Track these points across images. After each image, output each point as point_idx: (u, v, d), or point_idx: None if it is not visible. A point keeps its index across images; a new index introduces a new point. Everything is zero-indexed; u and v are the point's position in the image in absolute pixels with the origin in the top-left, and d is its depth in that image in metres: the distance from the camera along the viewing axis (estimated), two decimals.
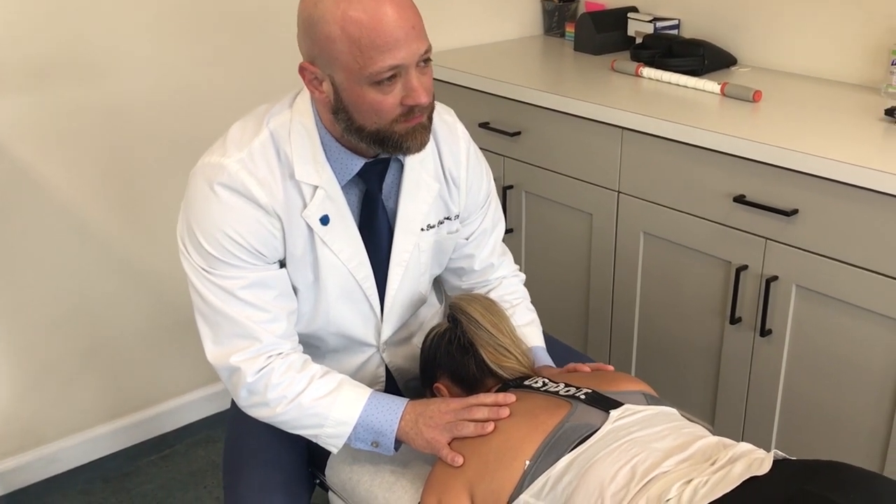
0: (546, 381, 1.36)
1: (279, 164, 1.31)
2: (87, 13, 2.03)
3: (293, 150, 1.30)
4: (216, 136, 1.36)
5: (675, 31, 2.49)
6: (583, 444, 1.20)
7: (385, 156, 1.35)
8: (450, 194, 1.47)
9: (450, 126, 1.48)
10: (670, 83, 2.21)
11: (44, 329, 2.19)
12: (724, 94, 2.09)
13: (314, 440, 1.38)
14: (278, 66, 2.32)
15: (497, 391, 1.37)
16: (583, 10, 2.74)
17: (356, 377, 1.49)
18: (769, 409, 1.93)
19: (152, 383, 2.42)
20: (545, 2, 2.81)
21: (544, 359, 1.53)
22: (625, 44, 2.55)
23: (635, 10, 2.59)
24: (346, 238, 1.36)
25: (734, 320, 1.91)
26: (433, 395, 1.47)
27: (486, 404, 1.31)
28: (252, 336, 1.32)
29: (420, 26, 1.21)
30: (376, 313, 1.46)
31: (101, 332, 2.28)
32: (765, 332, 1.87)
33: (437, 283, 1.65)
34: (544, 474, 1.18)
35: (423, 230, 1.44)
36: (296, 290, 1.38)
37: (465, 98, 2.39)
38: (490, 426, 1.28)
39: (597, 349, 2.29)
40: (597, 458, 1.17)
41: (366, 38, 1.17)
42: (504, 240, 1.65)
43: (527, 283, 1.69)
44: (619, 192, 2.09)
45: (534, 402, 1.30)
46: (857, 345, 1.75)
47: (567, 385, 1.33)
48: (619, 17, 2.56)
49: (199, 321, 1.34)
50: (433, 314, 1.63)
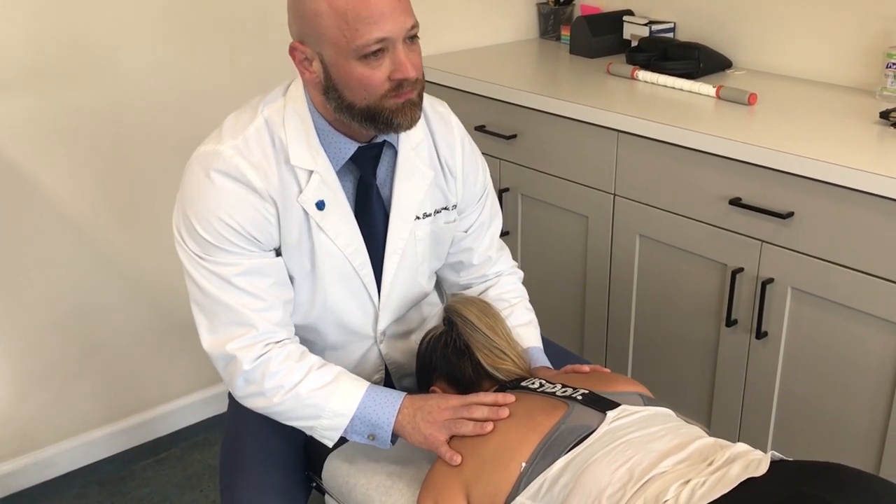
0: (543, 382, 1.36)
1: (274, 150, 1.32)
2: (86, 15, 2.02)
3: (287, 136, 1.32)
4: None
5: (670, 35, 2.50)
6: (579, 446, 1.20)
7: (379, 140, 1.36)
8: (446, 183, 1.48)
9: (443, 116, 1.49)
10: (666, 86, 2.21)
11: (40, 333, 2.19)
12: (719, 97, 2.10)
13: (309, 432, 1.37)
14: (277, 67, 2.30)
15: (496, 391, 1.37)
16: (578, 13, 2.74)
17: (355, 371, 1.49)
18: (765, 411, 1.93)
19: (148, 387, 2.41)
20: (541, 5, 2.81)
21: (541, 359, 1.53)
22: (620, 47, 2.56)
23: (631, 13, 2.59)
24: (342, 223, 1.37)
25: (730, 322, 1.92)
26: None
27: (485, 403, 1.31)
28: (248, 323, 1.32)
29: (406, 2, 1.23)
30: (374, 302, 1.46)
31: (97, 336, 2.28)
32: (760, 334, 1.87)
33: (440, 284, 1.65)
34: (540, 476, 1.18)
35: (418, 218, 1.45)
36: (293, 280, 1.38)
37: (462, 101, 2.39)
38: (489, 426, 1.28)
39: (593, 352, 2.29)
40: (593, 459, 1.17)
41: (352, 11, 1.19)
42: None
43: (524, 285, 1.69)
44: (614, 194, 2.10)
45: (531, 403, 1.30)
46: (853, 347, 1.75)
47: (564, 386, 1.33)
48: (615, 20, 2.57)
49: (195, 310, 1.35)
50: (435, 313, 1.63)
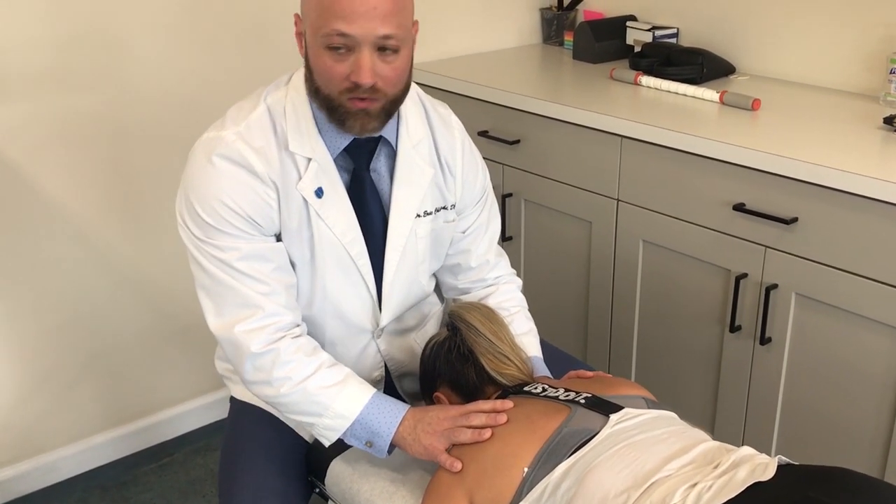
0: (546, 386, 1.36)
1: (275, 137, 1.34)
2: (92, 18, 2.03)
3: (287, 123, 1.33)
4: None
5: (673, 40, 2.50)
6: (582, 449, 1.19)
7: (375, 134, 1.37)
8: (445, 182, 1.49)
9: (444, 117, 1.50)
10: (669, 91, 2.21)
11: (43, 337, 2.19)
12: (722, 102, 2.09)
13: (309, 428, 1.38)
14: (282, 69, 2.30)
15: (496, 398, 1.37)
16: (581, 18, 2.74)
17: (355, 368, 1.49)
18: (769, 417, 1.93)
19: (151, 392, 2.41)
20: (544, 10, 2.81)
21: (541, 369, 1.52)
22: (623, 52, 2.56)
23: (634, 18, 2.59)
24: (340, 212, 1.38)
25: (734, 328, 1.91)
26: (433, 404, 1.46)
27: (483, 411, 1.31)
28: (254, 304, 1.32)
29: (388, 11, 1.22)
30: (372, 294, 1.46)
31: (100, 341, 2.28)
32: (765, 340, 1.86)
33: (439, 285, 1.65)
34: (543, 481, 1.18)
35: (419, 216, 1.45)
36: (294, 266, 1.39)
37: (465, 106, 2.39)
38: (487, 433, 1.27)
39: (596, 357, 2.29)
40: (596, 463, 1.17)
41: (327, 1, 1.20)
42: (503, 247, 1.65)
43: (526, 290, 1.69)
44: (618, 200, 2.09)
45: (532, 407, 1.30)
46: (857, 353, 1.75)
47: (567, 390, 1.33)
48: (618, 25, 2.57)
49: (201, 294, 1.35)
50: (435, 312, 1.64)
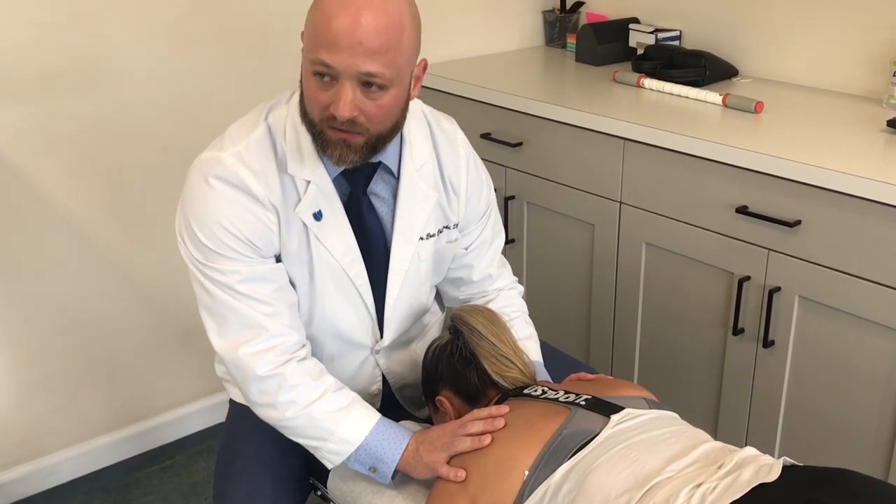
0: (545, 389, 1.36)
1: (275, 159, 1.32)
2: (88, 24, 2.03)
3: (287, 145, 1.32)
4: None
5: (676, 42, 2.49)
6: (582, 451, 1.19)
7: (374, 160, 1.35)
8: (448, 202, 1.47)
9: (448, 135, 1.48)
10: (672, 94, 2.21)
11: (44, 340, 2.19)
12: (725, 104, 2.09)
13: (313, 452, 1.37)
14: (280, 75, 2.31)
15: (496, 401, 1.36)
16: (584, 21, 2.74)
17: (353, 382, 1.49)
18: (772, 419, 1.92)
19: (153, 394, 2.41)
20: (546, 13, 2.81)
21: (542, 374, 1.52)
22: (626, 55, 2.56)
23: (636, 21, 2.59)
24: (338, 234, 1.36)
25: (737, 331, 1.91)
26: (435, 408, 1.46)
27: (480, 418, 1.31)
28: (258, 325, 1.31)
29: (375, 49, 1.18)
30: (371, 314, 1.45)
31: (102, 343, 2.28)
32: (767, 343, 1.86)
33: (438, 296, 1.64)
34: (544, 483, 1.17)
35: (422, 239, 1.44)
36: (293, 286, 1.38)
37: (467, 109, 2.39)
38: (487, 439, 1.27)
39: (599, 360, 2.28)
40: (596, 464, 1.16)
41: (318, 26, 1.19)
42: (505, 250, 1.65)
43: (529, 293, 1.69)
44: (620, 202, 2.09)
45: (531, 409, 1.30)
46: (860, 355, 1.74)
47: (567, 392, 1.33)
48: (621, 28, 2.57)
49: (204, 314, 1.35)
50: (435, 321, 1.63)
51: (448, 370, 1.42)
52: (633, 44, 2.54)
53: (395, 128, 1.30)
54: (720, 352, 1.99)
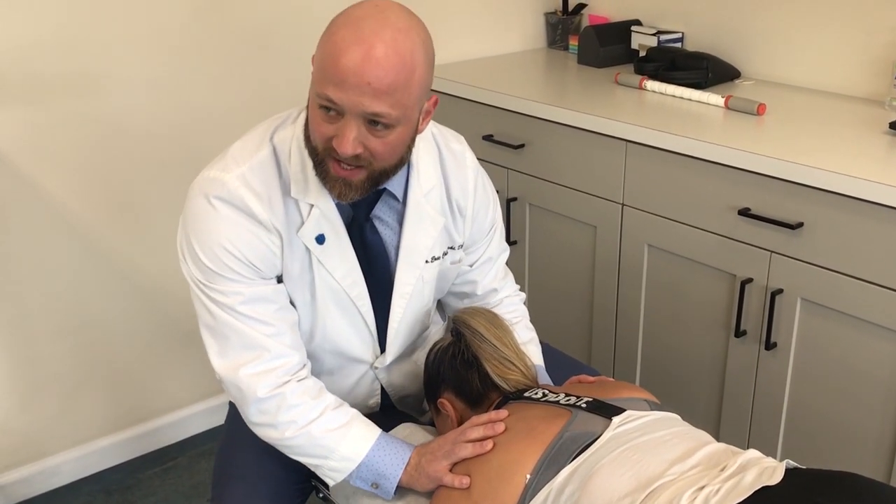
0: (546, 392, 1.35)
1: (279, 181, 1.30)
2: (90, 28, 2.03)
3: (291, 168, 1.29)
4: (218, 150, 1.35)
5: (678, 44, 2.49)
6: (584, 453, 1.19)
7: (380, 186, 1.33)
8: (455, 224, 1.46)
9: (457, 156, 1.45)
10: (674, 96, 2.21)
11: (46, 341, 2.19)
12: (728, 107, 2.09)
13: (315, 470, 1.37)
14: (280, 82, 2.33)
15: (497, 404, 1.36)
16: (586, 23, 2.74)
17: (350, 395, 1.49)
18: (774, 422, 1.92)
19: (154, 396, 2.41)
20: (549, 15, 2.81)
21: (543, 378, 1.52)
22: (628, 57, 2.56)
23: (639, 23, 2.59)
24: (341, 257, 1.35)
25: (739, 333, 1.91)
26: (437, 410, 1.46)
27: (480, 424, 1.31)
28: (260, 346, 1.30)
29: (383, 90, 1.14)
30: (372, 333, 1.45)
31: (104, 345, 2.28)
32: (770, 345, 1.86)
33: (440, 304, 1.64)
34: (546, 487, 1.17)
35: (427, 262, 1.43)
36: (294, 306, 1.37)
37: (469, 111, 2.39)
38: (488, 444, 1.27)
39: (601, 362, 2.28)
40: (598, 466, 1.16)
41: (328, 59, 1.15)
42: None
43: (531, 295, 1.69)
44: (623, 204, 2.09)
45: (532, 413, 1.30)
46: (863, 358, 1.74)
47: (567, 395, 1.32)
48: (623, 30, 2.57)
49: (205, 333, 1.33)
50: (437, 330, 1.63)
51: (450, 372, 1.42)
52: (635, 46, 2.54)
53: (400, 163, 1.27)
54: (722, 354, 1.99)
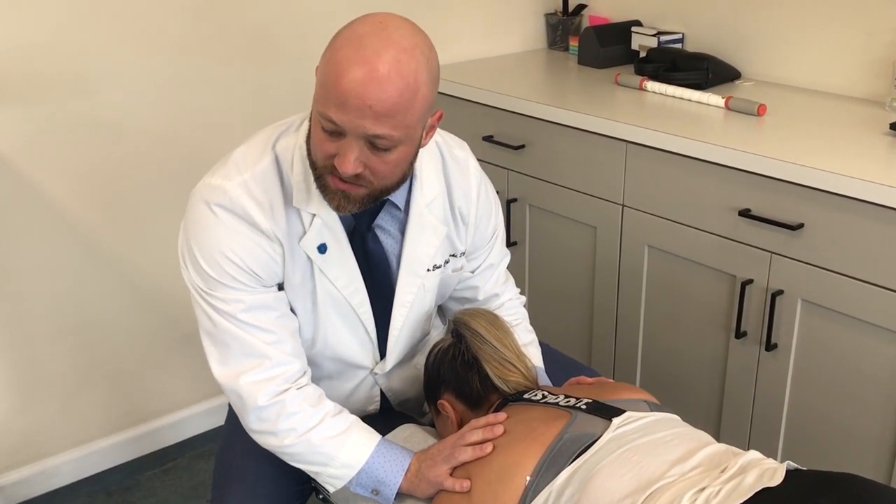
0: (546, 393, 1.35)
1: (282, 190, 1.29)
2: (89, 29, 2.03)
3: (294, 177, 1.28)
4: (218, 151, 1.35)
5: (678, 45, 2.49)
6: (584, 454, 1.19)
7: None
8: (457, 232, 1.45)
9: (460, 163, 1.44)
10: (674, 97, 2.21)
11: (45, 342, 2.19)
12: (728, 107, 2.09)
13: (314, 477, 1.37)
14: (280, 83, 2.33)
15: (497, 406, 1.36)
16: (586, 23, 2.74)
17: (350, 400, 1.49)
18: (775, 423, 1.92)
19: (154, 397, 2.41)
20: (549, 16, 2.81)
21: (543, 379, 1.52)
22: (629, 58, 2.56)
23: (639, 24, 2.59)
24: (343, 267, 1.35)
25: (739, 334, 1.91)
26: (437, 412, 1.46)
27: (479, 427, 1.30)
28: (260, 354, 1.30)
29: (385, 112, 1.12)
30: (373, 339, 1.45)
31: (104, 346, 2.28)
32: (770, 346, 1.86)
33: (441, 308, 1.63)
34: (546, 489, 1.17)
35: (428, 271, 1.43)
36: (294, 314, 1.37)
37: (470, 111, 2.39)
38: (488, 447, 1.27)
39: (601, 363, 2.28)
40: (598, 467, 1.16)
41: (330, 78, 1.13)
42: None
43: (531, 295, 1.69)
44: (623, 205, 2.09)
45: (531, 414, 1.29)
46: (863, 359, 1.74)
47: (567, 396, 1.32)
48: (623, 30, 2.56)
49: (205, 340, 1.33)
50: (436, 335, 1.62)
51: (450, 374, 1.42)
52: (635, 46, 2.54)
53: (402, 179, 1.26)
54: (723, 355, 1.99)
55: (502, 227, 1.57)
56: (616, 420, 1.23)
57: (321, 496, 1.53)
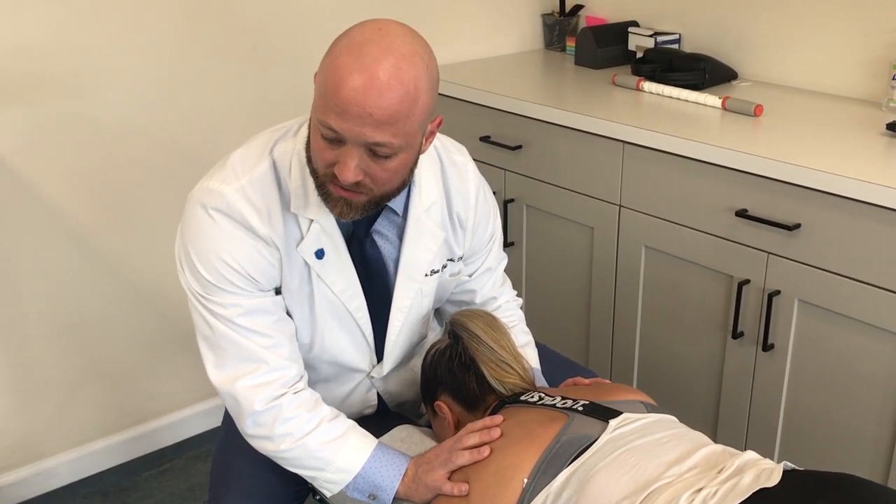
0: (542, 395, 1.35)
1: (279, 195, 1.28)
2: (88, 30, 2.03)
3: (292, 182, 1.28)
4: (216, 152, 1.35)
5: (675, 46, 2.49)
6: (581, 456, 1.19)
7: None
8: (455, 237, 1.45)
9: (459, 168, 1.44)
10: (671, 97, 2.21)
11: (43, 343, 2.18)
12: (725, 108, 2.09)
13: (311, 481, 1.37)
14: (279, 84, 2.32)
15: (493, 408, 1.36)
16: (583, 24, 2.74)
17: (346, 402, 1.49)
18: (772, 423, 1.92)
19: (151, 397, 2.41)
20: (546, 16, 2.81)
21: (540, 381, 1.52)
22: (625, 58, 2.56)
23: (636, 24, 2.59)
24: (340, 272, 1.34)
25: (736, 335, 1.91)
26: (434, 413, 1.46)
27: (475, 430, 1.30)
28: (257, 358, 1.30)
29: (384, 120, 1.12)
30: (370, 343, 1.44)
31: (100, 347, 2.28)
32: (767, 346, 1.86)
33: (438, 311, 1.63)
34: (543, 491, 1.17)
35: (426, 275, 1.43)
36: (290, 317, 1.37)
37: (467, 112, 2.39)
38: (486, 450, 1.27)
39: (598, 363, 2.28)
40: (596, 469, 1.16)
41: (329, 85, 1.13)
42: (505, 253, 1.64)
43: (528, 296, 1.69)
44: (620, 205, 2.09)
45: (528, 416, 1.29)
46: (860, 359, 1.74)
47: (564, 398, 1.32)
48: (620, 31, 2.57)
49: (202, 344, 1.32)
50: (433, 338, 1.62)
51: (447, 375, 1.42)
52: (632, 47, 2.54)
53: (402, 186, 1.26)
54: (720, 355, 1.99)
55: (500, 231, 1.57)
56: (613, 422, 1.23)
57: (318, 497, 1.53)
